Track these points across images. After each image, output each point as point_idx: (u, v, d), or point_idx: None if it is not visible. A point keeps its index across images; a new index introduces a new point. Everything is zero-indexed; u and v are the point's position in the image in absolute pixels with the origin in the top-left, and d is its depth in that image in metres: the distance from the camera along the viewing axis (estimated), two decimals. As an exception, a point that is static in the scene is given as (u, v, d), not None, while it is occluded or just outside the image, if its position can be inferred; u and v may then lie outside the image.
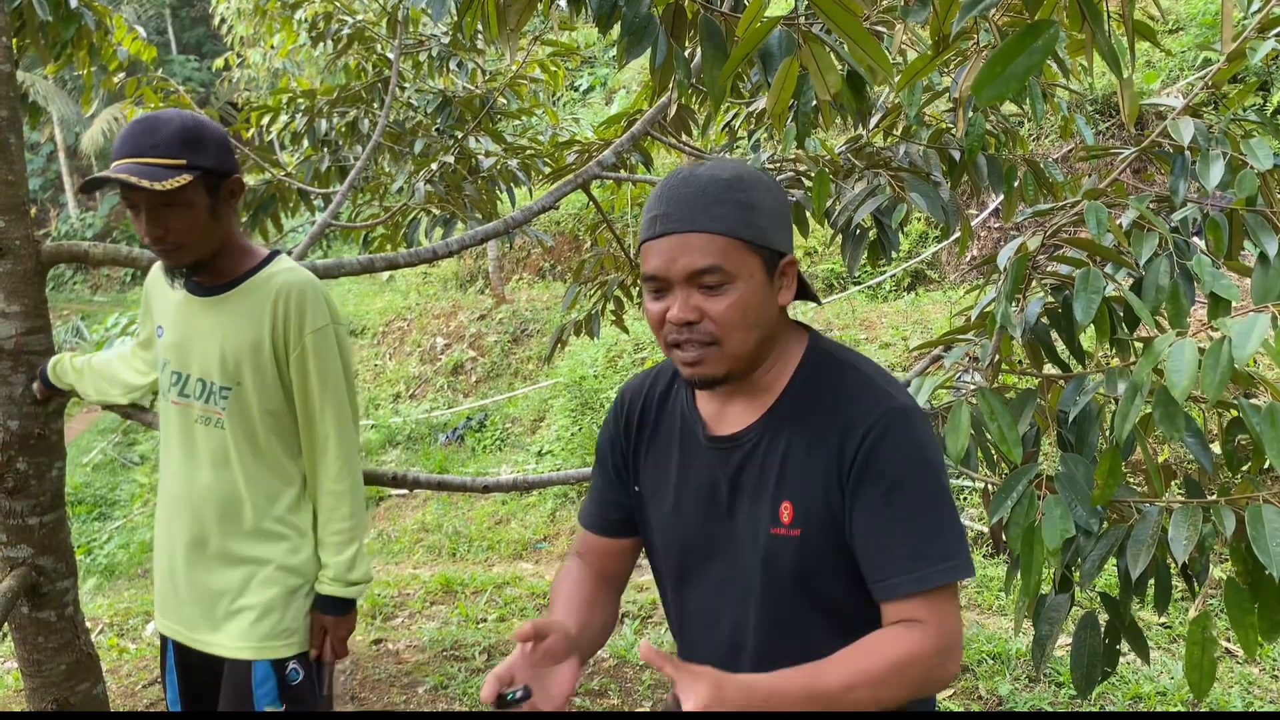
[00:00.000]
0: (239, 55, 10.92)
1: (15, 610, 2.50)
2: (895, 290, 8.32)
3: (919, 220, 7.94)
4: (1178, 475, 2.04)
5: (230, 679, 1.95)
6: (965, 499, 5.24)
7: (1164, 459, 3.90)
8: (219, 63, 9.29)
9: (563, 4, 2.52)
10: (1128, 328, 1.93)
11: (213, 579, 1.94)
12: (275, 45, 5.64)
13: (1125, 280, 1.93)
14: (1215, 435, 1.90)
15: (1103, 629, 1.84)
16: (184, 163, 1.76)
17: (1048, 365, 2.08)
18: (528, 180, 4.16)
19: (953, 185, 2.63)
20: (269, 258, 1.94)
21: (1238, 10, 2.16)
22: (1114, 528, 1.76)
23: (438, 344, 10.49)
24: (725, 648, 1.38)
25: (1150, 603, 1.84)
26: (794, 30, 1.77)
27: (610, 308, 3.67)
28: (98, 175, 1.77)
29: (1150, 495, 1.82)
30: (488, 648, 4.27)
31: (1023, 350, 2.09)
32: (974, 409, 1.89)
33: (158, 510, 2.04)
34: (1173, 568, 1.82)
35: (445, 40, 4.25)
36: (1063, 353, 2.07)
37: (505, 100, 4.27)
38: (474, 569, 6.07)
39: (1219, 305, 1.80)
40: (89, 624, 2.99)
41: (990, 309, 2.03)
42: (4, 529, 2.50)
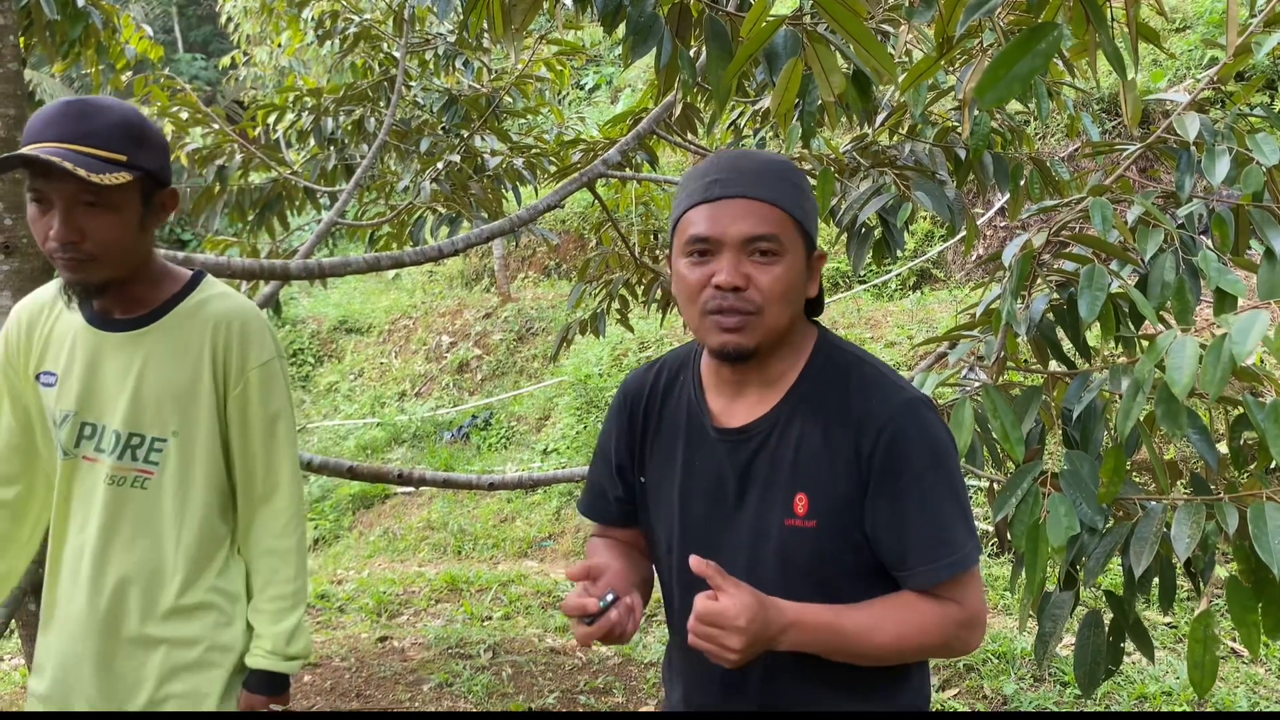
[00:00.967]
0: (245, 53, 10.94)
1: (22, 607, 2.51)
2: (901, 289, 8.31)
3: (925, 219, 7.92)
4: (1184, 473, 2.04)
5: None
6: (970, 496, 5.22)
7: (1170, 457, 3.89)
8: (225, 61, 9.33)
9: (568, 3, 2.53)
10: (1133, 324, 1.93)
11: (128, 668, 1.61)
12: (282, 43, 5.65)
13: (1131, 277, 1.92)
14: (1222, 433, 1.89)
15: (1107, 627, 1.84)
16: (125, 159, 1.46)
17: (1053, 362, 2.08)
18: (533, 179, 4.17)
19: (958, 184, 2.63)
20: (193, 280, 1.63)
21: (1243, 8, 2.16)
22: (1118, 525, 1.76)
23: (443, 342, 10.50)
24: None
25: (1155, 601, 1.84)
26: (799, 30, 1.77)
27: (615, 306, 3.68)
28: (10, 154, 1.41)
29: (1156, 493, 1.82)
30: (493, 645, 4.28)
31: (1028, 347, 2.09)
32: (977, 406, 1.89)
33: (47, 589, 1.67)
34: (1177, 566, 1.82)
35: (451, 39, 4.27)
36: (1068, 350, 2.06)
37: (511, 99, 4.27)
38: (479, 567, 6.08)
39: (1225, 301, 1.80)
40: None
41: (995, 305, 2.03)
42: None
